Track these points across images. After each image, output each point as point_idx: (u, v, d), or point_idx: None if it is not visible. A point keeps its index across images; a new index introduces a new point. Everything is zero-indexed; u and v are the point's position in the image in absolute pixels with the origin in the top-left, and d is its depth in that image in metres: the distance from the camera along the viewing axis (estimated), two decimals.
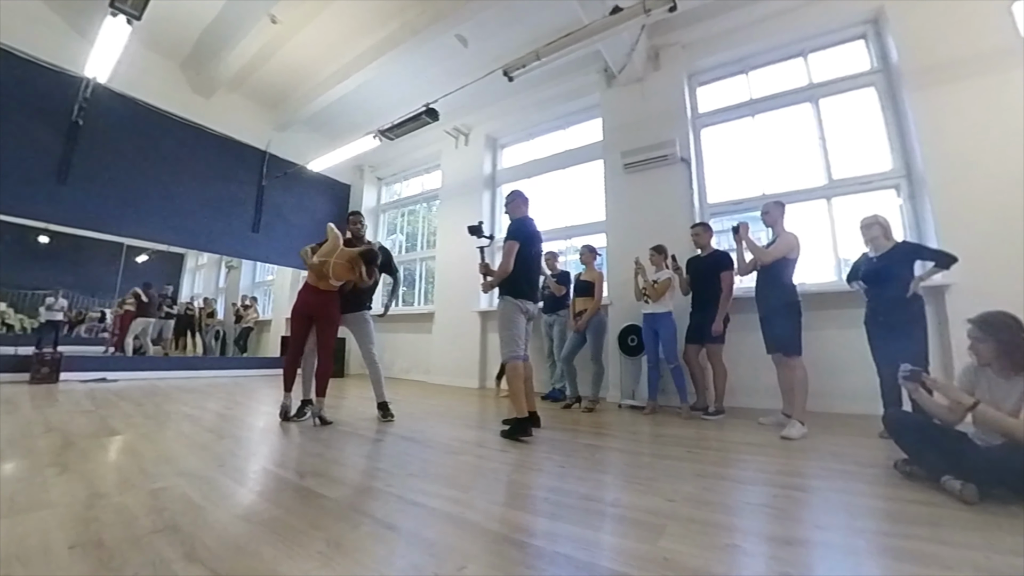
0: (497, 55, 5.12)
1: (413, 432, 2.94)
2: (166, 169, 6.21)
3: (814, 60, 4.60)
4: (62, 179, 5.32)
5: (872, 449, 2.48)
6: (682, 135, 4.77)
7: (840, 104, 4.42)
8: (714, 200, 4.87)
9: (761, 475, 2.05)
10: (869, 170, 4.16)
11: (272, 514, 1.49)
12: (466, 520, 1.47)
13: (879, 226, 2.98)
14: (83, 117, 5.40)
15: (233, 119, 6.89)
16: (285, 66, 6.12)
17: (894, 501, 1.69)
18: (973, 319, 1.92)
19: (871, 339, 2.99)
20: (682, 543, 1.30)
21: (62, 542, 1.25)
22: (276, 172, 7.33)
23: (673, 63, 5.01)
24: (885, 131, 4.12)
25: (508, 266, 2.91)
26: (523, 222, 3.11)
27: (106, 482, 1.79)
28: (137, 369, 5.88)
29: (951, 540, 1.34)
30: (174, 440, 2.54)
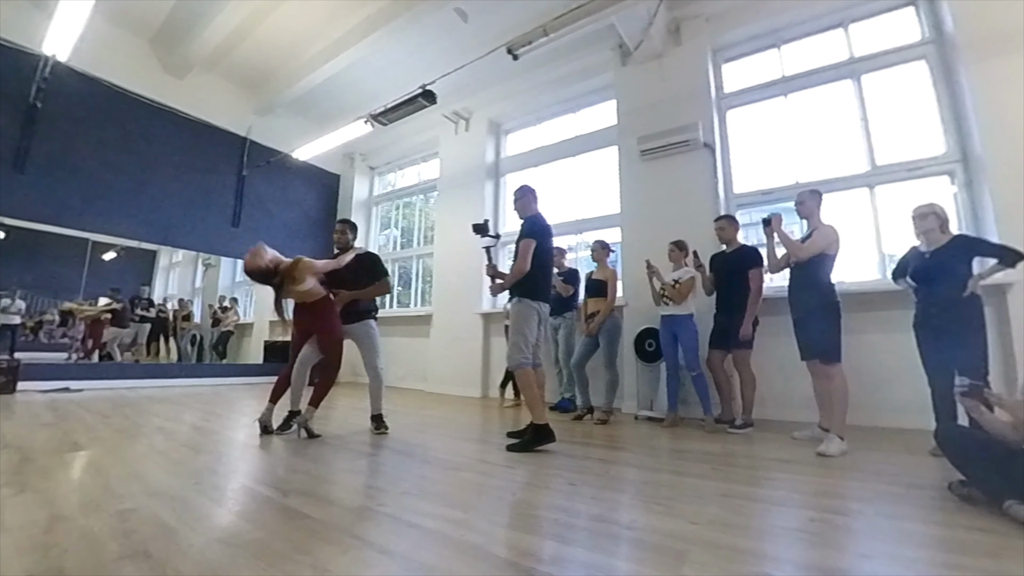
0: (500, 31, 5.12)
1: (409, 446, 2.94)
2: (136, 157, 6.24)
3: (856, 31, 4.55)
4: (19, 168, 5.33)
5: (923, 468, 2.46)
6: (705, 118, 4.75)
7: (885, 80, 4.37)
8: (741, 190, 4.85)
9: (795, 496, 2.03)
10: (918, 154, 4.10)
11: (253, 536, 1.49)
12: (467, 543, 1.47)
13: (935, 217, 2.90)
14: (42, 99, 5.41)
15: (210, 102, 6.92)
16: (267, 43, 6.16)
17: (949, 528, 1.66)
18: None
19: (921, 345, 2.94)
20: (706, 571, 1.29)
21: (19, 570, 1.25)
22: (258, 160, 7.37)
23: (696, 37, 4.99)
24: (938, 110, 4.06)
25: (526, 266, 2.97)
26: (539, 218, 3.19)
27: (68, 503, 1.79)
28: (104, 377, 5.91)
29: (1014, 574, 1.32)
30: (145, 456, 2.55)
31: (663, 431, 3.65)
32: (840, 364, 3.04)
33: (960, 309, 2.74)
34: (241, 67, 6.73)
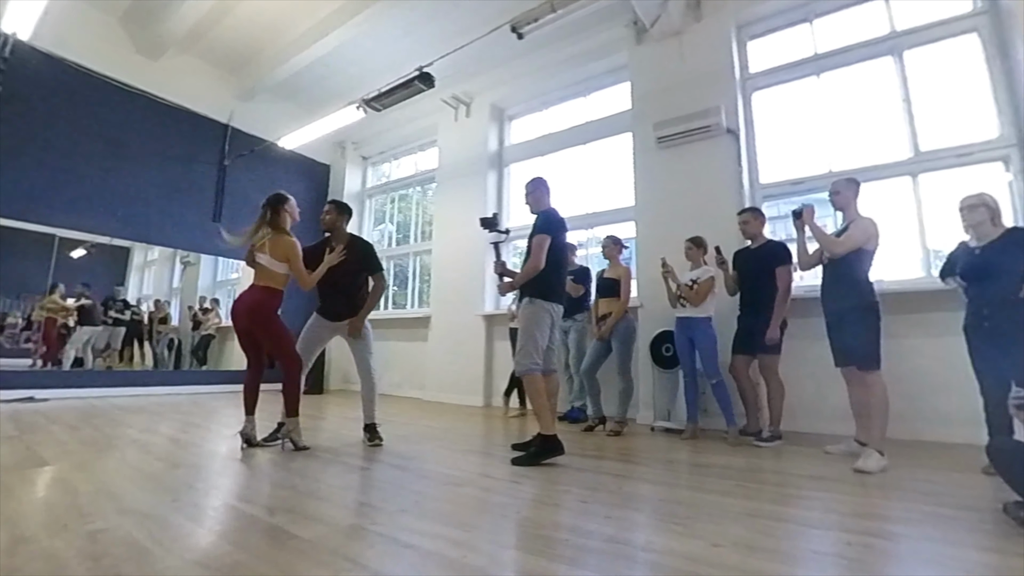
0: (504, 7, 5.09)
1: (406, 459, 2.95)
2: (107, 145, 6.27)
3: (898, 2, 4.49)
4: None
5: (973, 488, 2.43)
6: (729, 101, 4.75)
7: (931, 57, 4.33)
8: (768, 180, 4.84)
9: (830, 517, 2.02)
10: (969, 139, 4.06)
11: (235, 559, 1.49)
12: (468, 566, 1.46)
13: (986, 208, 2.87)
14: (2, 82, 5.40)
15: (187, 85, 6.96)
16: (249, 22, 6.19)
17: (1003, 555, 1.63)
18: None
19: (973, 350, 2.90)
20: None
21: None
22: (241, 150, 7.42)
23: (718, 12, 4.99)
24: (991, 89, 4.01)
25: (540, 263, 2.98)
26: (554, 212, 3.22)
27: (32, 523, 1.79)
28: (72, 386, 5.95)
29: None
30: (117, 471, 2.56)
31: (682, 444, 3.65)
32: (879, 371, 3.02)
33: (1017, 311, 2.71)
34: (221, 48, 6.78)
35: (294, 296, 7.79)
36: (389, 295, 8.21)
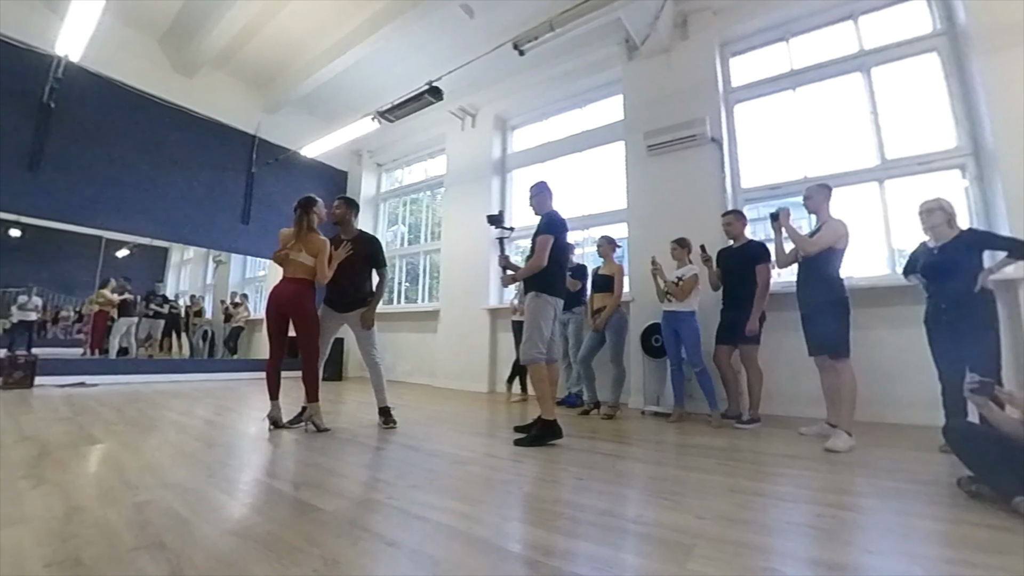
0: (506, 26, 5.10)
1: (417, 440, 2.96)
2: (147, 155, 6.29)
3: (866, 23, 4.50)
4: (34, 167, 5.39)
5: (931, 464, 2.44)
6: (713, 112, 4.72)
7: (896, 73, 4.32)
8: (749, 184, 4.82)
9: (803, 492, 2.02)
10: (929, 148, 4.06)
11: (265, 529, 1.51)
12: (474, 536, 1.47)
13: (942, 212, 2.88)
14: (55, 99, 5.45)
15: (219, 100, 6.96)
16: (275, 41, 6.17)
17: (957, 524, 1.65)
18: None
19: (932, 340, 2.91)
20: (713, 566, 1.29)
21: (37, 560, 1.27)
22: (267, 158, 7.41)
23: (703, 31, 4.95)
24: (949, 103, 4.01)
25: (543, 261, 2.98)
26: (556, 214, 3.21)
27: (85, 495, 1.81)
28: (118, 372, 6.00)
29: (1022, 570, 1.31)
30: (159, 449, 2.57)
31: (670, 426, 3.65)
32: (848, 360, 3.03)
33: (971, 305, 2.71)
34: (249, 65, 6.76)
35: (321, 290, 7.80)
36: (401, 290, 8.20)
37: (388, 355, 7.65)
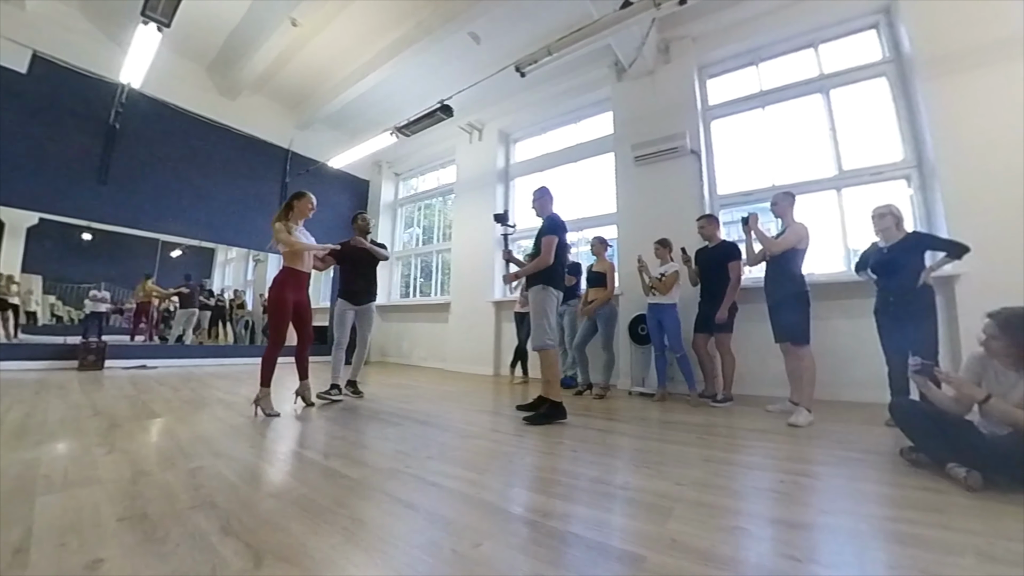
0: (509, 51, 5.07)
1: (431, 417, 2.96)
2: (196, 168, 6.32)
3: (825, 51, 4.46)
4: (102, 180, 5.47)
5: (878, 437, 2.45)
6: (692, 127, 4.68)
7: (851, 95, 4.29)
8: (724, 191, 4.78)
9: (768, 461, 2.03)
10: (879, 161, 4.03)
11: (300, 492, 1.52)
12: (482, 500, 1.49)
13: (892, 216, 2.88)
14: (119, 121, 5.54)
15: (257, 119, 6.96)
16: (306, 67, 6.15)
17: (899, 487, 1.67)
18: (994, 314, 1.81)
19: (880, 329, 2.92)
20: (689, 525, 1.30)
21: (111, 515, 1.30)
22: (298, 169, 7.39)
23: (683, 56, 4.90)
24: (896, 121, 3.99)
25: (549, 259, 2.95)
26: (558, 217, 3.17)
27: (148, 461, 1.84)
28: (173, 357, 6.05)
29: (954, 526, 1.33)
30: (209, 423, 2.60)
31: (654, 405, 3.65)
32: (809, 346, 3.03)
33: (914, 298, 2.72)
34: (284, 88, 6.75)
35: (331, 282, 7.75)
36: (416, 285, 8.18)
37: (405, 342, 7.71)
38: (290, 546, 1.15)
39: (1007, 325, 1.76)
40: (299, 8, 4.85)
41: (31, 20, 4.94)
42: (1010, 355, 1.76)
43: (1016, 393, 1.71)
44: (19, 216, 5.09)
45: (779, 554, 1.15)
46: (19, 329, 5.31)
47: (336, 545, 1.16)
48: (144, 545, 1.14)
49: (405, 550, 1.15)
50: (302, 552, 1.12)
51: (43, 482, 1.56)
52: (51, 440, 2.12)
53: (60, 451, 1.96)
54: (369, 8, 4.98)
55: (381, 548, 1.16)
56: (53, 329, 5.60)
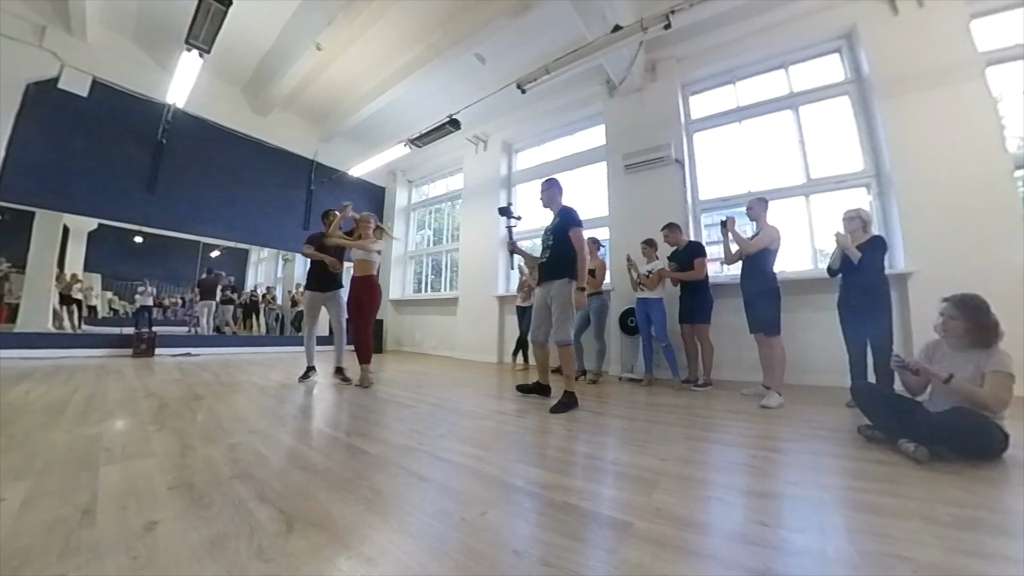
0: (511, 70, 5.05)
1: (441, 400, 2.97)
2: (232, 177, 6.35)
3: (794, 71, 4.44)
4: (151, 189, 5.55)
5: (839, 417, 2.46)
6: (676, 139, 4.66)
7: (817, 111, 4.27)
8: (705, 197, 4.76)
9: (742, 439, 2.04)
10: (843, 170, 4.02)
11: (325, 466, 1.54)
12: (487, 474, 1.50)
13: (859, 219, 2.88)
14: (166, 137, 5.60)
15: (286, 133, 6.96)
16: (329, 86, 6.13)
17: (856, 461, 1.68)
18: (950, 297, 1.84)
19: (842, 321, 2.91)
20: (672, 496, 1.32)
21: (162, 484, 1.33)
22: (322, 178, 7.40)
23: (668, 75, 4.88)
24: (857, 135, 3.98)
25: (587, 252, 2.73)
26: (574, 209, 2.88)
27: (193, 437, 1.86)
28: (214, 346, 6.10)
29: (904, 494, 1.34)
30: (245, 404, 2.63)
31: (641, 389, 3.65)
32: (779, 336, 3.03)
33: (872, 293, 2.72)
34: (309, 105, 6.72)
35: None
36: (428, 282, 8.18)
37: (417, 333, 7.72)
38: (318, 513, 1.17)
39: (962, 304, 1.79)
40: (323, 34, 4.84)
41: (91, 50, 5.02)
42: (965, 332, 1.77)
43: (968, 370, 1.73)
44: (81, 222, 5.20)
45: (751, 520, 1.16)
46: (82, 321, 5.42)
47: (358, 512, 1.18)
48: (192, 510, 1.16)
49: (419, 517, 1.16)
50: (328, 518, 1.14)
51: (105, 454, 1.59)
52: (111, 418, 2.15)
53: (118, 428, 1.99)
54: (385, 32, 4.96)
55: (398, 515, 1.17)
56: (110, 321, 5.70)
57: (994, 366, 1.68)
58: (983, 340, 1.74)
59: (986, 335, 1.73)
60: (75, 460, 1.52)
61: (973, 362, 1.74)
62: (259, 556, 0.95)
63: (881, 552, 1.01)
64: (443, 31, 4.80)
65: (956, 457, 1.64)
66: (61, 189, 4.85)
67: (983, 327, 1.74)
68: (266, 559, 0.94)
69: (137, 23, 5.12)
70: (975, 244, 3.18)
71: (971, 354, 1.77)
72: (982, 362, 1.72)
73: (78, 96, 4.94)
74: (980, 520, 1.18)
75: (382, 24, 4.79)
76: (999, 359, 1.69)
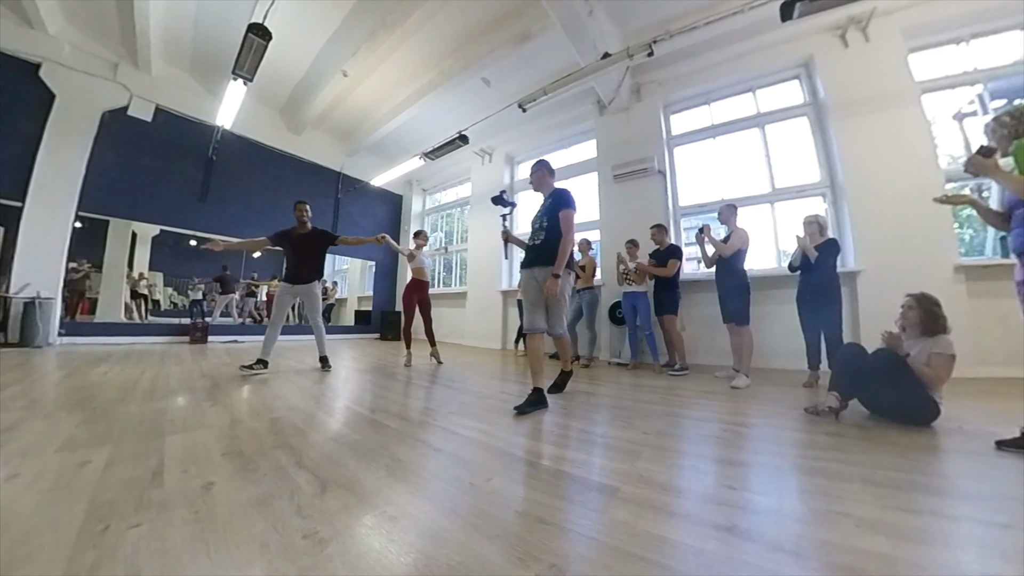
0: (513, 92, 5.04)
1: (453, 382, 2.98)
2: (272, 187, 6.38)
3: (761, 95, 4.41)
4: (203, 199, 5.64)
5: (797, 396, 2.47)
6: (659, 152, 4.64)
7: (780, 129, 4.24)
8: (684, 203, 4.73)
9: (714, 415, 2.05)
10: (803, 181, 4.00)
11: (352, 438, 1.56)
12: (492, 446, 1.51)
13: (817, 224, 2.90)
14: (216, 154, 5.69)
15: (316, 149, 6.94)
16: (353, 108, 6.11)
17: (809, 433, 1.69)
18: (912, 294, 1.95)
19: (800, 313, 2.92)
20: (653, 464, 1.33)
21: (217, 451, 1.36)
22: (347, 187, 7.40)
23: (652, 96, 4.84)
24: (815, 151, 3.96)
25: (573, 236, 2.16)
26: (567, 191, 2.28)
27: (241, 411, 1.89)
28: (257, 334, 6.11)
29: (848, 460, 1.37)
30: (284, 384, 2.64)
31: (627, 372, 3.66)
32: (748, 326, 3.03)
33: (825, 289, 2.73)
34: (336, 125, 6.70)
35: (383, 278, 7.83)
36: (440, 278, 8.16)
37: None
38: (347, 478, 1.19)
39: (921, 298, 1.91)
40: (349, 63, 4.84)
41: (155, 82, 5.16)
42: (919, 321, 1.89)
43: (921, 355, 1.83)
44: (146, 228, 5.40)
45: (720, 484, 1.18)
46: (148, 313, 5.60)
47: (381, 478, 1.20)
48: (242, 474, 1.19)
49: (434, 483, 1.18)
50: (356, 482, 1.16)
51: (169, 425, 1.63)
52: (173, 395, 2.19)
53: (180, 403, 2.02)
54: (402, 60, 4.94)
55: (415, 481, 1.19)
56: (171, 313, 5.88)
57: (939, 349, 1.79)
58: (932, 329, 1.85)
59: (935, 324, 1.85)
60: (145, 430, 1.56)
61: (923, 347, 1.85)
62: (298, 513, 0.98)
63: (828, 510, 1.03)
64: (453, 58, 4.78)
65: (895, 433, 1.66)
66: (130, 201, 5.02)
67: (935, 317, 1.85)
68: (304, 516, 0.97)
69: (192, 58, 5.19)
70: (914, 246, 3.25)
71: (922, 341, 1.88)
72: (929, 346, 1.82)
73: (144, 121, 5.11)
74: (912, 481, 1.20)
75: (400, 53, 4.78)
76: (943, 343, 1.80)
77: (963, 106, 3.42)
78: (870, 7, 3.52)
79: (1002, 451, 1.45)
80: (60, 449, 1.33)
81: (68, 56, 4.44)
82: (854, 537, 0.90)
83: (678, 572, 0.79)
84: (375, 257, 7.94)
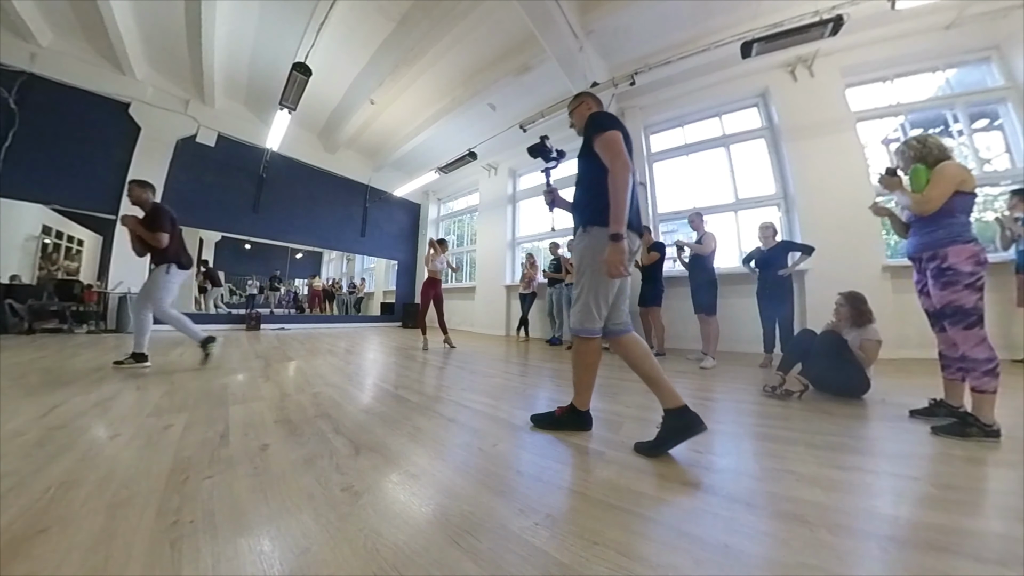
0: (516, 115, 4.97)
1: (463, 363, 2.97)
2: (311, 199, 6.40)
3: (726, 119, 4.36)
4: (256, 210, 5.72)
5: (755, 375, 2.47)
6: (640, 167, 4.58)
7: (743, 149, 4.19)
8: (662, 211, 4.68)
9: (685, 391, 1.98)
10: (761, 193, 3.98)
11: (380, 410, 1.57)
12: (498, 417, 1.52)
13: (771, 228, 2.92)
14: (266, 172, 5.77)
15: (348, 165, 6.91)
16: (379, 130, 6.07)
17: (763, 406, 1.71)
18: (843, 293, 1.96)
19: (759, 305, 2.93)
20: (633, 433, 1.34)
21: (270, 419, 1.39)
22: (374, 198, 7.37)
23: (634, 118, 4.76)
24: (771, 168, 3.93)
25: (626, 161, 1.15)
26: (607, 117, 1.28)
27: (289, 387, 1.92)
28: (300, 322, 6.29)
29: (793, 428, 1.39)
30: (322, 364, 2.66)
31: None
32: (715, 316, 3.03)
33: (781, 285, 2.74)
34: (365, 144, 6.66)
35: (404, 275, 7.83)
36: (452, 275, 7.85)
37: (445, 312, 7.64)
38: (376, 442, 1.21)
39: (849, 297, 1.94)
40: (375, 92, 4.83)
41: (217, 114, 5.29)
42: (849, 316, 1.92)
43: (855, 341, 1.86)
44: (211, 235, 5.61)
45: (689, 449, 1.19)
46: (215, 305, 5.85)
47: (405, 443, 1.21)
48: (290, 438, 1.21)
49: (449, 447, 1.20)
50: (384, 447, 1.18)
51: (231, 397, 1.67)
52: (234, 372, 2.23)
53: (239, 379, 2.06)
54: (421, 90, 4.91)
55: (433, 446, 1.20)
56: (232, 305, 6.09)
57: (869, 336, 1.84)
58: (860, 321, 1.89)
59: (862, 317, 1.89)
60: (214, 400, 1.60)
61: (856, 334, 1.88)
62: (337, 470, 1.00)
63: (776, 468, 1.05)
64: (464, 87, 4.74)
65: (834, 406, 1.68)
66: (198, 212, 5.13)
67: (861, 312, 1.90)
68: (342, 472, 0.99)
69: (247, 92, 5.28)
70: (850, 249, 3.28)
71: (854, 331, 1.91)
72: (860, 334, 1.87)
73: (208, 146, 5.24)
74: (843, 444, 1.23)
75: (419, 84, 4.75)
76: (872, 331, 1.85)
77: (889, 133, 3.54)
78: (814, 49, 3.55)
79: (914, 418, 1.49)
80: (150, 415, 1.39)
81: (151, 96, 4.67)
82: (796, 489, 0.93)
83: (653, 520, 0.81)
84: (397, 257, 7.95)
